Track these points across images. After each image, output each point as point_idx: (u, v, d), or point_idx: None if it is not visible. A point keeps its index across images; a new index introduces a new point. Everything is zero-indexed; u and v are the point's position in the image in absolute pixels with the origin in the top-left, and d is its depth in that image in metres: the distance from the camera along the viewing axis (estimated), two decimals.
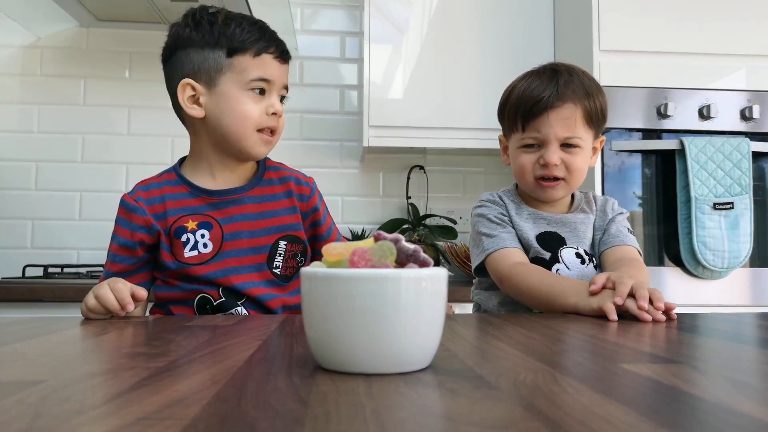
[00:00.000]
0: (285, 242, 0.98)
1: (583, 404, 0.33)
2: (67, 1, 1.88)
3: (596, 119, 1.01)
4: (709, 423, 0.30)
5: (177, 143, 2.11)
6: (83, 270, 1.87)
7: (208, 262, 0.94)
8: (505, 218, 1.04)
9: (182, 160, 1.03)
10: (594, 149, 1.05)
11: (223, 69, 0.94)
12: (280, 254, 0.97)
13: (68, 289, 1.54)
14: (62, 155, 2.08)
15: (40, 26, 2.07)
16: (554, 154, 0.98)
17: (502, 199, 1.06)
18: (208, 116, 0.95)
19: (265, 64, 0.95)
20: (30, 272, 1.83)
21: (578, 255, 1.01)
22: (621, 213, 1.07)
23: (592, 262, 1.02)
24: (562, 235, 1.03)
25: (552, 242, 1.01)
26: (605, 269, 1.00)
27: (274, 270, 0.96)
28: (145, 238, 0.94)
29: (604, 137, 1.07)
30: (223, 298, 0.93)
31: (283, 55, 0.98)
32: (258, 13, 1.89)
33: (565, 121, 0.98)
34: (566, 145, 0.99)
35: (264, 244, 0.97)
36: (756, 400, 0.35)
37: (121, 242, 0.95)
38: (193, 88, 0.95)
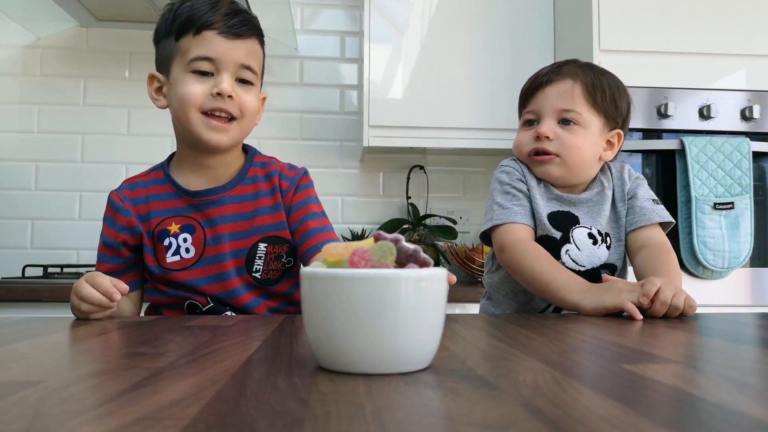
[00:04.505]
0: (265, 244, 0.93)
1: (583, 404, 0.33)
2: (67, 1, 1.88)
3: (603, 102, 0.98)
4: (709, 423, 0.30)
5: (176, 143, 2.10)
6: (83, 270, 1.87)
7: (191, 268, 0.91)
8: (524, 186, 1.00)
9: (172, 156, 1.00)
10: (609, 143, 1.01)
11: (173, 54, 0.90)
12: (260, 257, 0.93)
13: (68, 289, 1.52)
14: (62, 155, 2.08)
15: (40, 26, 2.07)
16: (546, 126, 0.97)
17: (521, 168, 1.03)
18: (169, 106, 0.93)
19: (206, 42, 0.87)
20: (30, 272, 1.83)
21: (590, 235, 0.98)
22: (638, 178, 1.04)
23: (605, 242, 0.99)
24: (576, 214, 1.00)
25: (564, 221, 0.98)
26: (632, 254, 0.99)
27: (254, 274, 0.92)
28: (128, 239, 0.93)
29: (621, 132, 1.02)
30: (212, 304, 0.92)
31: (232, 29, 0.88)
32: (258, 13, 1.89)
33: (561, 94, 0.98)
34: (564, 122, 0.98)
35: (243, 247, 0.92)
36: (756, 400, 0.35)
37: (107, 242, 0.94)
38: (159, 80, 0.93)
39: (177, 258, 0.92)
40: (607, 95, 0.99)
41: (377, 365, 0.41)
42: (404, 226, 2.10)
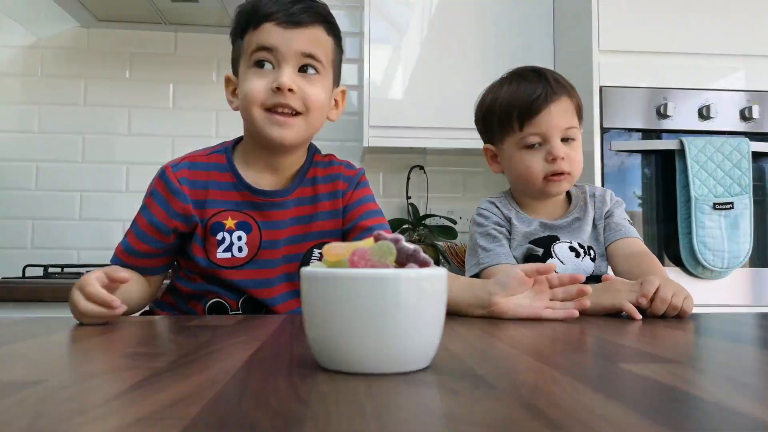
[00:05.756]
0: (320, 250, 0.89)
1: (583, 404, 0.33)
2: (67, 2, 1.88)
3: (581, 113, 1.03)
4: (709, 423, 0.30)
5: (177, 143, 2.11)
6: (83, 270, 1.87)
7: (240, 268, 0.87)
8: (503, 228, 1.03)
9: (237, 141, 0.93)
10: None
11: (240, 53, 0.87)
12: (313, 263, 0.90)
13: (68, 289, 1.52)
14: (62, 155, 2.08)
15: (41, 26, 2.07)
16: (560, 148, 0.98)
17: (499, 207, 1.06)
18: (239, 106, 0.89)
19: (264, 32, 0.83)
20: (30, 272, 1.83)
21: (572, 248, 1.01)
22: (618, 201, 1.08)
23: (588, 254, 1.02)
24: (557, 234, 1.03)
25: (545, 240, 1.02)
26: (615, 262, 1.01)
27: None
28: (180, 227, 0.86)
29: (582, 129, 1.08)
30: (240, 311, 0.88)
31: (291, 17, 0.83)
32: None
33: (565, 113, 0.99)
34: (564, 139, 1.00)
35: (297, 252, 0.89)
36: (756, 400, 0.35)
37: (155, 223, 0.85)
38: (232, 82, 0.90)
39: (228, 255, 0.86)
40: (580, 101, 1.03)
41: (377, 365, 0.41)
42: (404, 226, 2.10)
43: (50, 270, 1.77)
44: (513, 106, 0.99)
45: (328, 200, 0.92)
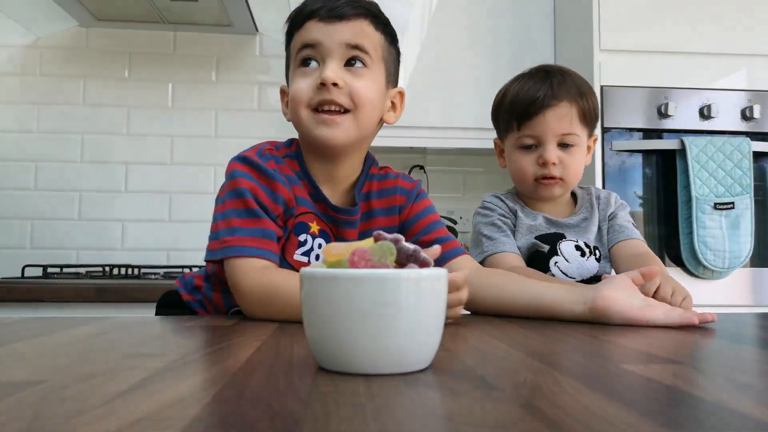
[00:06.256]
0: None
1: (583, 404, 0.33)
2: (66, 1, 1.88)
3: (590, 118, 1.02)
4: (709, 423, 0.30)
5: (176, 143, 2.11)
6: (82, 270, 1.87)
7: None
8: (508, 220, 1.04)
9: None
10: (588, 148, 1.06)
11: (290, 59, 0.84)
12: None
13: (68, 289, 1.54)
14: (61, 155, 2.08)
15: (40, 26, 2.07)
16: (552, 153, 0.99)
17: (505, 201, 1.07)
18: None
19: (307, 30, 0.80)
20: (29, 272, 1.83)
21: (578, 247, 1.02)
22: (622, 204, 1.09)
23: (594, 255, 1.02)
24: (564, 232, 1.04)
25: (552, 237, 1.03)
26: (618, 263, 1.02)
27: None
28: (281, 217, 0.79)
29: (596, 136, 1.08)
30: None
31: (333, 11, 0.79)
32: (258, 12, 1.89)
33: (561, 119, 0.99)
34: (563, 145, 1.00)
35: None
36: (756, 400, 0.35)
37: (265, 207, 0.76)
38: (286, 93, 0.87)
39: (305, 259, 0.81)
40: (593, 110, 1.02)
41: (377, 365, 0.41)
42: None
43: (49, 270, 1.77)
44: (514, 106, 1.02)
45: (382, 216, 0.87)
